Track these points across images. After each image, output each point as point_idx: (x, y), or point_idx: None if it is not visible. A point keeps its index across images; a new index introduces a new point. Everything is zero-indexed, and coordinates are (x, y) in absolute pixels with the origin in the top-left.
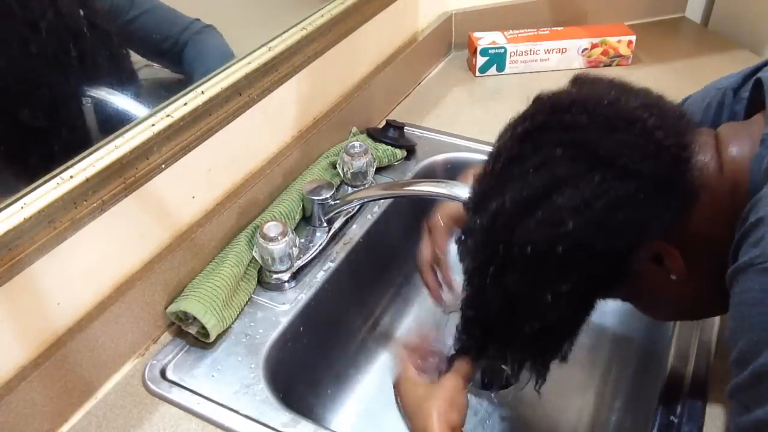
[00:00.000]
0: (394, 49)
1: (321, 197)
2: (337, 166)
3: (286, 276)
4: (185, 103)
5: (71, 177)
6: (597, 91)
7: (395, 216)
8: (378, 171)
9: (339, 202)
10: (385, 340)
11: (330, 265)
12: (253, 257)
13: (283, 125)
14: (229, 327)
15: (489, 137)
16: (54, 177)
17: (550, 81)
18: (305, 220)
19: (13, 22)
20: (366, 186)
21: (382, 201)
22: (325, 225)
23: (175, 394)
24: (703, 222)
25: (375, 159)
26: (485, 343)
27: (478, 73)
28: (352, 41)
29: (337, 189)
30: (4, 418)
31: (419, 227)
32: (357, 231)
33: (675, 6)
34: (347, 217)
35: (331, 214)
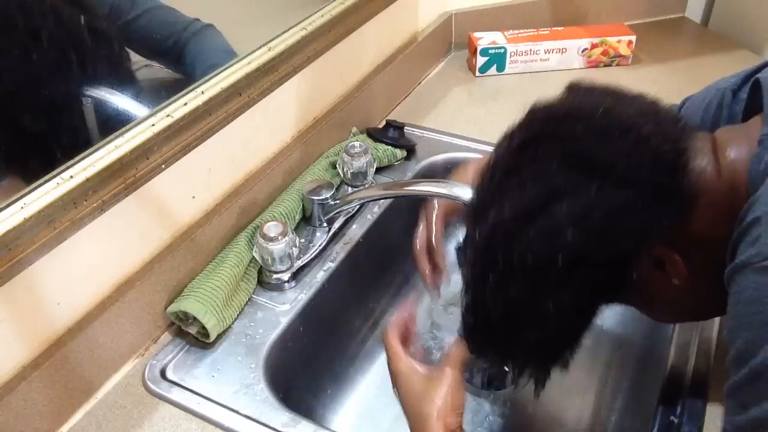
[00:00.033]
0: (394, 49)
1: (321, 197)
2: (337, 166)
3: (286, 276)
4: (185, 103)
5: (71, 177)
6: (591, 100)
7: (395, 216)
8: (378, 171)
9: (339, 202)
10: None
11: (330, 265)
12: (253, 257)
13: (283, 125)
14: (229, 327)
15: (489, 137)
16: (54, 177)
17: (550, 81)
18: (305, 220)
19: (14, 32)
20: (366, 186)
21: (382, 201)
22: (325, 225)
23: (175, 394)
24: (703, 225)
25: (375, 159)
26: (486, 349)
27: (478, 73)
28: (352, 41)
29: (337, 189)
30: (4, 418)
31: None
32: (357, 231)
33: (675, 6)
34: (347, 217)
35: (331, 214)
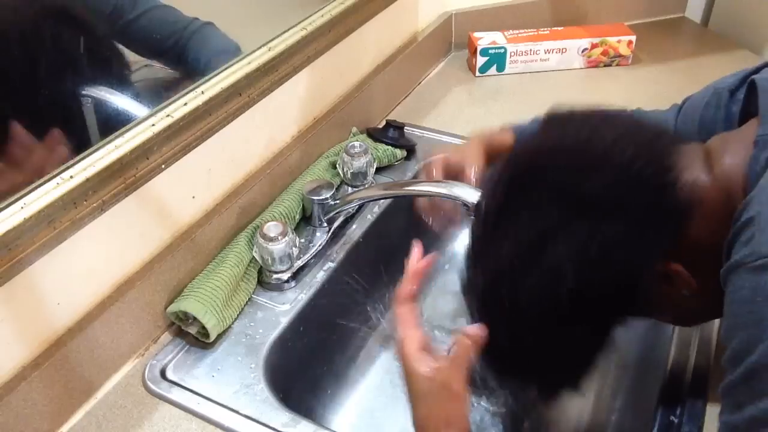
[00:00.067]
0: (394, 49)
1: (321, 197)
2: (337, 166)
3: (286, 276)
4: (185, 103)
5: (71, 177)
6: (570, 132)
7: (395, 216)
8: (378, 171)
9: (339, 202)
10: (385, 340)
11: (330, 265)
12: (253, 257)
13: (283, 125)
14: (229, 327)
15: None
16: (54, 177)
17: (550, 81)
18: (305, 220)
19: (13, 40)
20: (366, 186)
21: (382, 201)
22: (325, 225)
23: (175, 394)
24: (704, 233)
25: (375, 159)
26: (497, 374)
27: (478, 73)
28: (352, 41)
29: (337, 189)
30: (4, 418)
31: (419, 227)
32: (357, 231)
33: (675, 6)
34: (347, 217)
35: (331, 214)
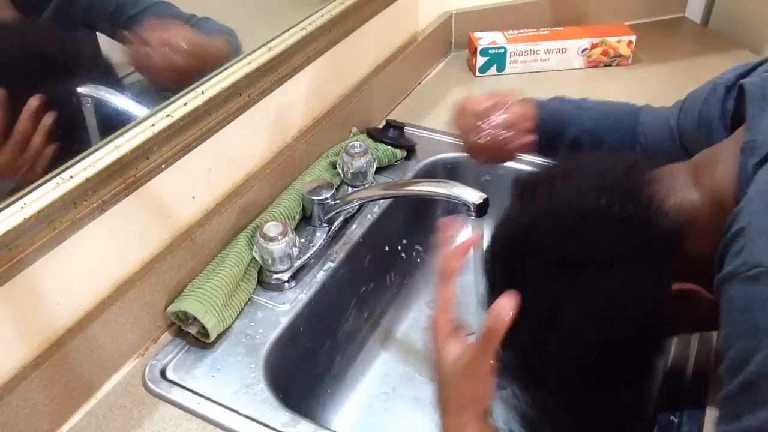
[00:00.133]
0: (394, 49)
1: (321, 197)
2: (337, 166)
3: (286, 276)
4: (185, 103)
5: (71, 177)
6: (543, 198)
7: (395, 216)
8: (378, 171)
9: (339, 202)
10: (385, 340)
11: (330, 265)
12: (253, 257)
13: (283, 125)
14: (229, 327)
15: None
16: (54, 177)
17: (550, 81)
18: (305, 220)
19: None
20: (366, 186)
21: (382, 201)
22: (325, 225)
23: (175, 394)
24: (705, 248)
25: (375, 159)
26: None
27: (478, 73)
28: (352, 41)
29: (337, 189)
30: (4, 418)
31: (419, 227)
32: (357, 231)
33: (675, 6)
34: (347, 217)
35: (331, 214)
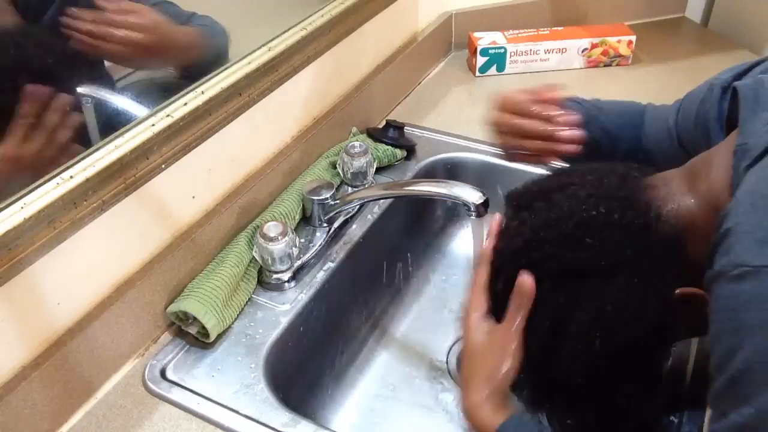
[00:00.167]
0: (394, 49)
1: (321, 197)
2: (337, 166)
3: (286, 276)
4: (185, 103)
5: (71, 177)
6: (541, 209)
7: (395, 216)
8: (378, 171)
9: (339, 202)
10: (385, 340)
11: (330, 265)
12: (253, 257)
13: (283, 125)
14: (229, 327)
15: (489, 137)
16: (54, 177)
17: (550, 81)
18: (305, 220)
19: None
20: (366, 186)
21: (382, 201)
22: (325, 225)
23: (175, 394)
24: (702, 252)
25: (375, 159)
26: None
27: (478, 73)
28: (352, 41)
29: (337, 189)
30: (4, 418)
31: (419, 227)
32: (357, 231)
33: (675, 6)
34: (347, 217)
35: (331, 214)
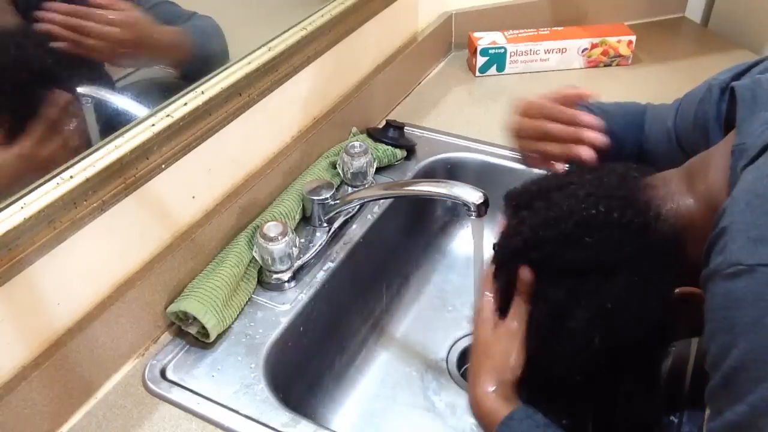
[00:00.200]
0: (394, 49)
1: (321, 197)
2: (337, 166)
3: (286, 276)
4: (185, 103)
5: (71, 177)
6: (541, 208)
7: (395, 216)
8: (378, 171)
9: (339, 202)
10: (385, 340)
11: (330, 265)
12: (253, 257)
13: (283, 125)
14: (229, 327)
15: (489, 137)
16: (54, 177)
17: (550, 81)
18: (305, 220)
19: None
20: (366, 186)
21: (382, 201)
22: (325, 225)
23: (175, 394)
24: (701, 250)
25: (375, 159)
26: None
27: (478, 73)
28: (352, 41)
29: (337, 189)
30: (4, 418)
31: (419, 227)
32: (357, 231)
33: (675, 6)
34: (347, 217)
35: (331, 214)
